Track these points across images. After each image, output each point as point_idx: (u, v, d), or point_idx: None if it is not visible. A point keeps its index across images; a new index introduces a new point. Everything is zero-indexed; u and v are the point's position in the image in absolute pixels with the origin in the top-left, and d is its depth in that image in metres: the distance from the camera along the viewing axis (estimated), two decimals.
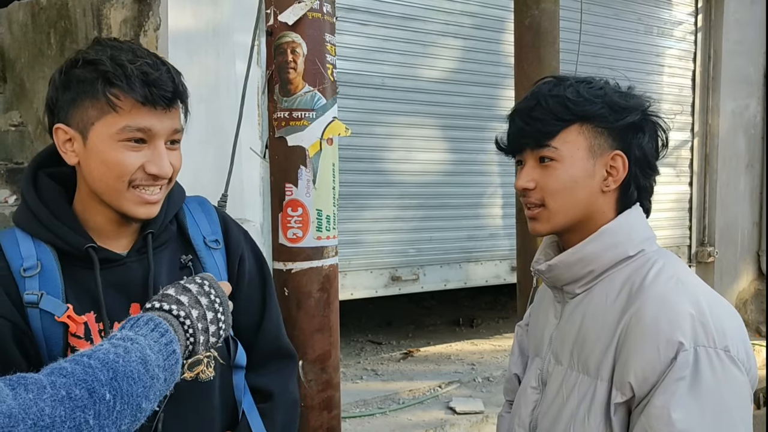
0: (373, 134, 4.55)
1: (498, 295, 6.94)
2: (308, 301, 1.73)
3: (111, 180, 1.21)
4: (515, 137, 1.36)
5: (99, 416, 0.88)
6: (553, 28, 2.64)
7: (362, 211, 4.56)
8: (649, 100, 1.36)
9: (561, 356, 1.36)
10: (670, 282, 1.24)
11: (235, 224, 1.47)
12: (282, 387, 1.48)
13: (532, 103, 1.33)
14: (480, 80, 4.97)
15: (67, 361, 0.92)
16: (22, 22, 5.13)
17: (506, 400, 1.67)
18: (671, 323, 1.18)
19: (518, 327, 1.66)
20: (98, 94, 1.19)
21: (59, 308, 1.22)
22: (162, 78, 1.20)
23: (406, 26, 4.62)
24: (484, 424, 3.98)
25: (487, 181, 5.13)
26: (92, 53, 1.21)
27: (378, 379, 4.63)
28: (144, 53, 1.23)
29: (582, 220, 1.32)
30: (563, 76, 1.37)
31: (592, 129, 1.29)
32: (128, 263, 1.30)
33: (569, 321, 1.36)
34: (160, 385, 0.99)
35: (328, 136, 1.70)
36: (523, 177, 1.34)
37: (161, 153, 1.23)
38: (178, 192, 1.40)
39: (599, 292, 1.31)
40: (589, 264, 1.31)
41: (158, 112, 1.21)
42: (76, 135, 1.22)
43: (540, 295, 1.57)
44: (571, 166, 1.29)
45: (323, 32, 1.69)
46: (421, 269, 4.86)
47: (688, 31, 6.22)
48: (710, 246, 6.33)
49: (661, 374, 1.16)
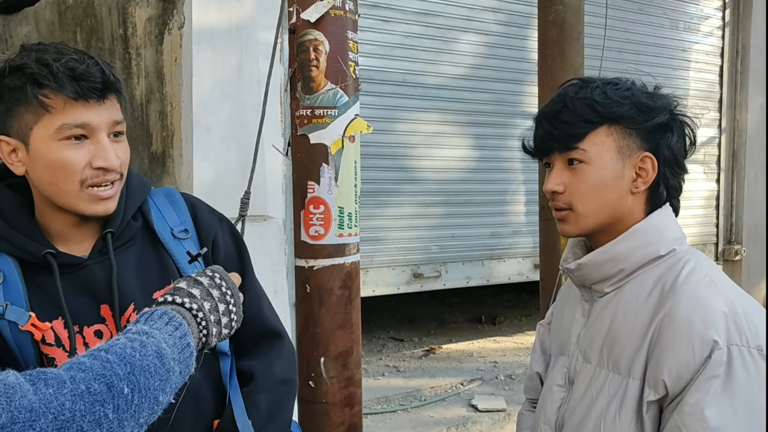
0: (396, 131, 4.54)
1: (521, 293, 6.90)
2: (330, 298, 1.73)
3: (61, 182, 1.20)
4: (543, 140, 1.36)
5: (118, 410, 0.90)
6: (577, 23, 2.61)
7: (385, 207, 4.56)
8: (677, 99, 1.36)
9: (590, 355, 1.36)
10: (703, 281, 1.25)
11: (207, 209, 1.45)
12: (265, 368, 1.43)
13: (558, 105, 1.33)
14: (503, 76, 4.94)
15: (86, 356, 0.93)
16: (49, 20, 5.20)
17: (527, 398, 1.67)
18: (705, 322, 1.18)
19: (540, 326, 1.66)
20: (30, 98, 1.17)
21: (22, 317, 1.21)
22: (90, 71, 1.19)
23: (428, 22, 4.61)
24: (507, 422, 3.96)
25: (510, 177, 5.10)
26: (17, 59, 1.21)
27: (400, 376, 4.63)
28: (69, 51, 1.22)
29: (611, 222, 1.32)
30: (589, 78, 1.37)
31: (620, 130, 1.29)
32: (90, 266, 1.28)
33: (598, 320, 1.35)
34: (176, 377, 1.01)
35: (350, 134, 1.70)
36: (552, 180, 1.34)
37: (105, 146, 1.21)
38: (139, 186, 1.37)
39: (630, 291, 1.31)
40: (619, 263, 1.31)
41: (93, 105, 1.19)
42: (19, 144, 1.21)
43: (563, 293, 1.57)
44: (600, 168, 1.29)
45: (345, 30, 1.69)
46: (444, 266, 4.85)
47: (715, 26, 6.13)
48: (737, 244, 6.24)
49: (695, 372, 1.17)
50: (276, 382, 1.44)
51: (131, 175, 1.35)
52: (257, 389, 1.41)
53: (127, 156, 1.28)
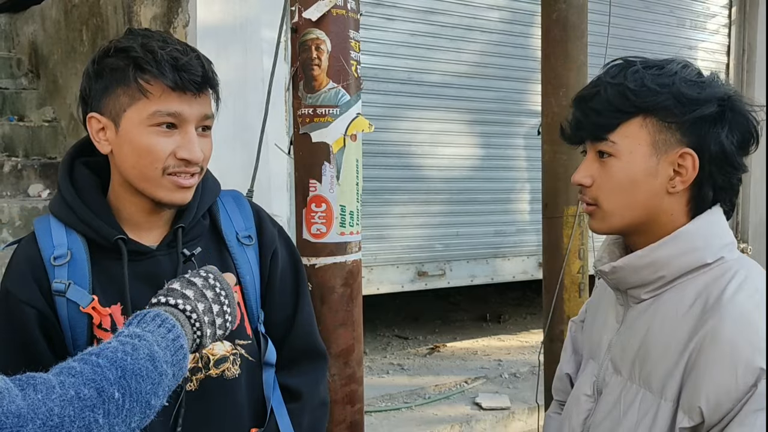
0: (399, 129, 4.54)
1: (526, 291, 6.90)
2: (332, 296, 1.74)
3: (144, 167, 1.22)
4: (573, 128, 1.25)
5: (108, 415, 0.89)
6: (581, 22, 2.61)
7: (388, 206, 4.56)
8: (732, 88, 1.21)
9: (620, 366, 1.25)
10: (753, 298, 1.11)
11: (270, 220, 1.47)
12: (312, 388, 1.46)
13: (593, 90, 1.21)
14: (507, 75, 4.93)
15: (76, 360, 0.93)
16: (55, 19, 5.22)
17: (555, 399, 1.57)
18: (752, 346, 1.06)
19: (572, 323, 1.55)
20: (129, 81, 1.20)
21: (85, 299, 1.23)
22: (191, 63, 1.21)
23: (432, 21, 4.61)
24: (510, 420, 3.96)
25: (515, 176, 5.10)
26: (124, 41, 1.23)
27: (404, 373, 4.64)
28: (174, 41, 1.25)
29: (645, 222, 1.20)
30: (632, 60, 1.22)
31: (657, 123, 1.16)
32: (158, 256, 1.30)
33: (632, 328, 1.24)
34: (169, 380, 1.00)
35: (352, 133, 1.70)
36: (580, 171, 1.24)
37: (192, 138, 1.23)
38: (212, 186, 1.39)
39: (669, 300, 1.19)
40: (660, 269, 1.19)
41: (188, 97, 1.22)
42: (109, 123, 1.24)
43: (599, 291, 1.44)
44: (630, 164, 1.17)
45: (347, 29, 1.70)
46: (448, 264, 4.85)
47: (721, 23, 6.11)
48: (743, 242, 6.22)
49: (736, 402, 1.05)
50: (319, 403, 1.48)
51: (206, 174, 1.36)
52: (304, 409, 1.44)
53: (210, 151, 1.30)
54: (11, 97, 5.35)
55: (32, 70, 5.59)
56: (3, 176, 4.51)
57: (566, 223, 2.53)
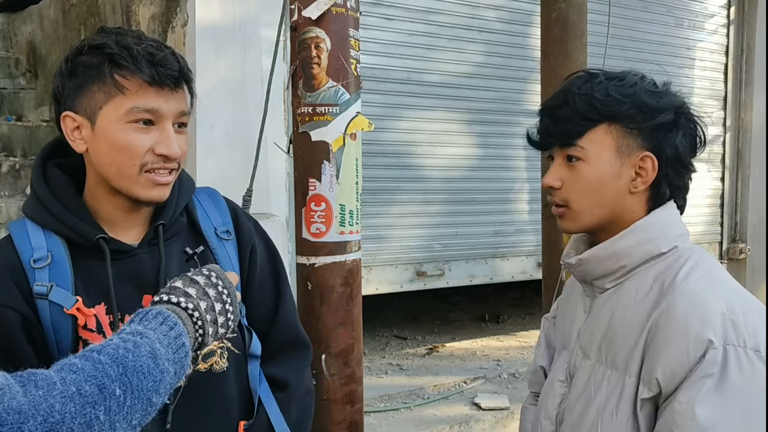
0: (399, 129, 4.54)
1: (525, 291, 6.89)
2: (331, 296, 1.73)
3: (122, 163, 1.21)
4: (543, 135, 1.35)
5: (109, 412, 0.89)
6: (580, 21, 2.61)
7: (387, 205, 4.56)
8: (684, 97, 1.33)
9: (589, 351, 1.35)
10: (703, 280, 1.23)
11: (245, 215, 1.47)
12: (297, 377, 1.47)
13: (560, 100, 1.31)
14: (506, 74, 4.93)
15: (78, 357, 0.92)
16: (53, 18, 5.22)
17: (531, 391, 1.67)
18: (702, 321, 1.17)
19: (545, 319, 1.65)
20: (105, 77, 1.19)
21: (68, 300, 1.22)
22: (167, 59, 1.21)
23: (431, 20, 4.61)
24: (510, 420, 3.96)
25: (514, 176, 5.09)
26: (97, 39, 1.22)
27: (403, 374, 4.63)
28: (148, 38, 1.24)
29: (611, 220, 1.31)
30: (595, 72, 1.34)
31: (620, 129, 1.27)
32: (139, 254, 1.29)
33: (598, 316, 1.35)
34: (170, 378, 0.99)
35: (352, 131, 1.70)
36: (550, 175, 1.33)
37: (170, 134, 1.22)
38: (187, 183, 1.39)
39: (630, 287, 1.30)
40: (621, 259, 1.30)
41: (165, 92, 1.21)
42: (84, 121, 1.22)
43: (568, 288, 1.56)
44: (598, 167, 1.28)
45: (347, 27, 1.69)
46: (447, 264, 4.85)
47: (720, 23, 6.11)
48: (742, 242, 6.22)
49: (688, 371, 1.16)
50: (305, 391, 1.49)
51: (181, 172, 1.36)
52: (291, 397, 1.44)
53: (186, 148, 1.29)
54: (9, 97, 5.34)
55: (30, 69, 5.58)
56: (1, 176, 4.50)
57: None
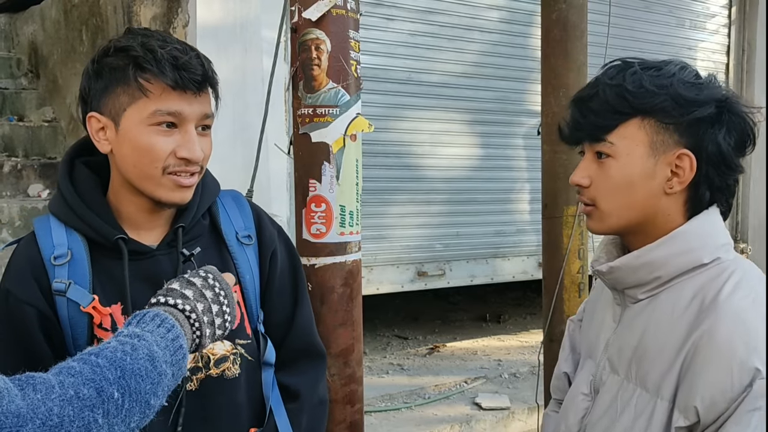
0: (400, 129, 4.55)
1: (526, 291, 6.89)
2: (331, 296, 1.74)
3: (144, 166, 1.22)
4: (571, 129, 1.25)
5: (108, 415, 0.89)
6: (581, 21, 2.61)
7: (388, 206, 4.57)
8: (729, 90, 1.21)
9: (617, 365, 1.26)
10: (748, 298, 1.12)
11: (270, 220, 1.47)
12: (310, 388, 1.46)
13: (591, 92, 1.21)
14: (507, 75, 4.94)
15: (76, 360, 0.93)
16: (54, 19, 5.22)
17: (553, 398, 1.57)
18: (748, 346, 1.06)
19: (570, 321, 1.55)
20: (129, 80, 1.20)
21: (85, 298, 1.23)
22: (191, 62, 1.22)
23: (432, 21, 4.61)
24: (510, 420, 3.96)
25: (515, 176, 5.10)
26: (123, 41, 1.23)
27: (404, 373, 4.64)
28: (174, 40, 1.25)
29: (642, 223, 1.21)
30: (630, 61, 1.22)
31: (654, 124, 1.17)
32: (158, 256, 1.30)
33: (629, 328, 1.25)
34: (168, 380, 1.00)
35: (352, 132, 1.70)
36: (578, 172, 1.24)
37: (192, 137, 1.23)
38: (212, 185, 1.39)
39: (666, 300, 1.20)
40: (656, 269, 1.19)
41: (188, 96, 1.22)
42: (109, 122, 1.24)
43: (597, 290, 1.45)
44: (628, 165, 1.18)
45: (347, 29, 1.70)
46: (448, 264, 4.85)
47: (721, 23, 6.11)
48: (743, 243, 6.22)
49: (732, 402, 1.06)
50: (318, 402, 1.48)
51: (206, 174, 1.36)
52: (302, 408, 1.44)
53: (210, 151, 1.30)
54: (11, 97, 5.35)
55: (32, 70, 5.59)
56: (3, 176, 4.51)
57: (566, 223, 2.53)
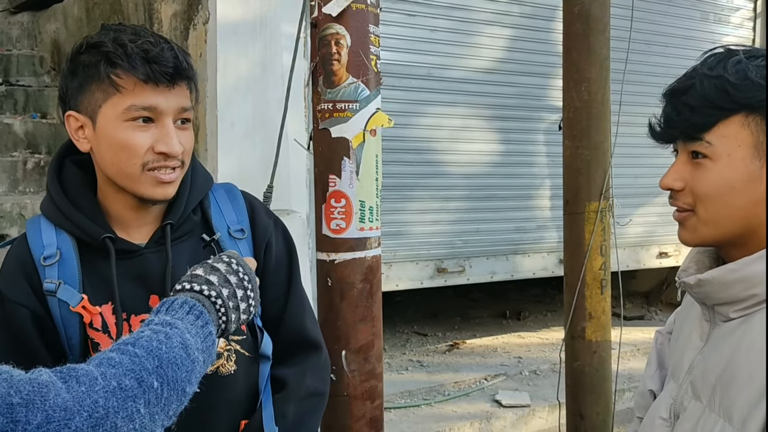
0: (420, 125, 4.53)
1: (546, 288, 6.86)
2: (351, 292, 1.73)
3: (123, 162, 1.21)
4: (663, 126, 1.12)
5: (149, 404, 0.90)
6: (603, 15, 2.58)
7: (408, 202, 4.55)
8: None
9: (700, 390, 1.12)
10: None
11: (265, 211, 1.45)
12: (298, 379, 1.43)
13: (687, 84, 1.07)
14: (528, 70, 4.90)
15: (114, 351, 0.93)
16: (76, 16, 5.27)
17: (636, 416, 1.43)
18: None
19: (658, 333, 1.41)
20: (102, 76, 1.19)
21: (74, 298, 1.22)
22: (163, 55, 1.19)
23: (453, 16, 4.59)
24: (531, 418, 3.94)
25: (536, 172, 5.06)
26: (96, 37, 1.22)
27: (423, 370, 4.63)
28: (147, 33, 1.23)
29: (744, 235, 1.06)
30: (734, 49, 1.09)
31: (761, 122, 1.02)
32: (146, 254, 1.29)
33: (717, 349, 1.10)
34: (200, 367, 1.00)
35: (372, 128, 1.70)
36: (670, 174, 1.10)
37: (170, 131, 1.21)
38: (202, 180, 1.37)
39: (760, 322, 1.04)
40: (753, 286, 1.04)
41: (162, 89, 1.20)
42: (86, 120, 1.23)
43: (688, 302, 1.29)
44: (728, 168, 1.04)
45: (367, 23, 1.69)
46: (467, 261, 4.83)
47: (746, 17, 6.02)
48: None
49: None
50: (307, 393, 1.45)
51: (196, 169, 1.35)
52: (288, 398, 1.41)
53: (191, 144, 1.28)
54: (34, 95, 5.41)
55: (55, 67, 5.64)
56: (26, 173, 4.56)
57: (588, 219, 2.50)
